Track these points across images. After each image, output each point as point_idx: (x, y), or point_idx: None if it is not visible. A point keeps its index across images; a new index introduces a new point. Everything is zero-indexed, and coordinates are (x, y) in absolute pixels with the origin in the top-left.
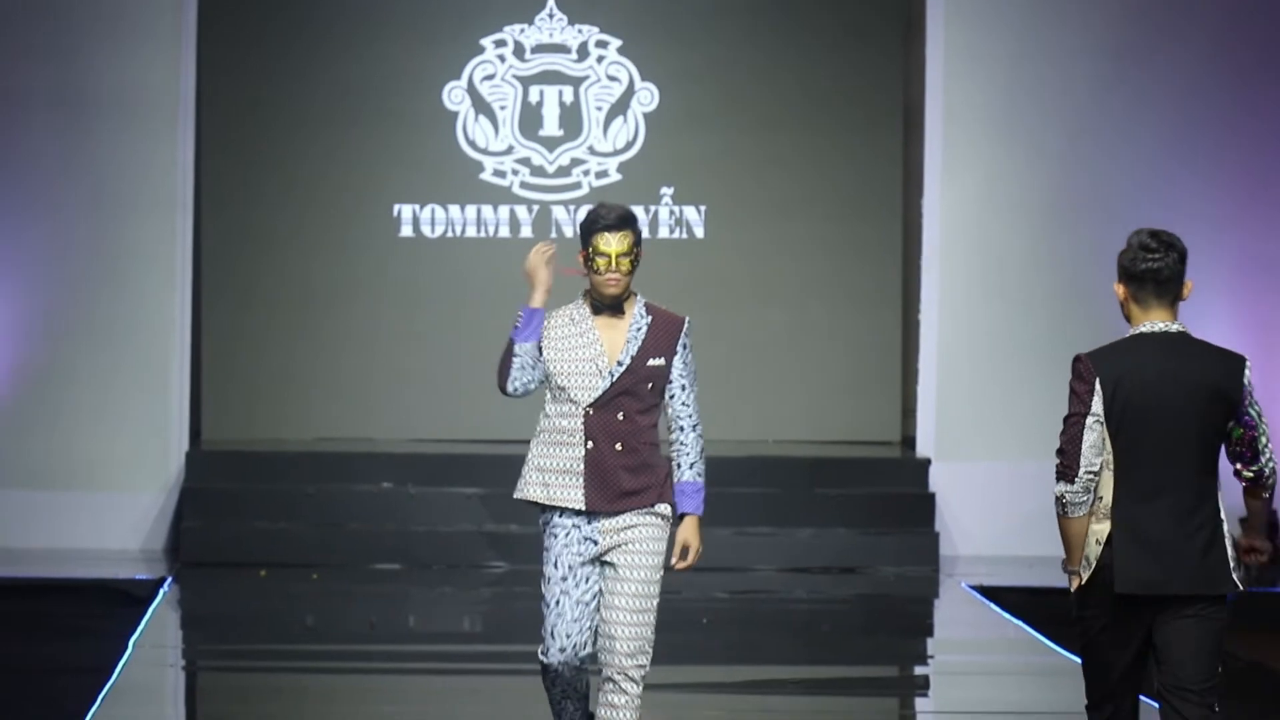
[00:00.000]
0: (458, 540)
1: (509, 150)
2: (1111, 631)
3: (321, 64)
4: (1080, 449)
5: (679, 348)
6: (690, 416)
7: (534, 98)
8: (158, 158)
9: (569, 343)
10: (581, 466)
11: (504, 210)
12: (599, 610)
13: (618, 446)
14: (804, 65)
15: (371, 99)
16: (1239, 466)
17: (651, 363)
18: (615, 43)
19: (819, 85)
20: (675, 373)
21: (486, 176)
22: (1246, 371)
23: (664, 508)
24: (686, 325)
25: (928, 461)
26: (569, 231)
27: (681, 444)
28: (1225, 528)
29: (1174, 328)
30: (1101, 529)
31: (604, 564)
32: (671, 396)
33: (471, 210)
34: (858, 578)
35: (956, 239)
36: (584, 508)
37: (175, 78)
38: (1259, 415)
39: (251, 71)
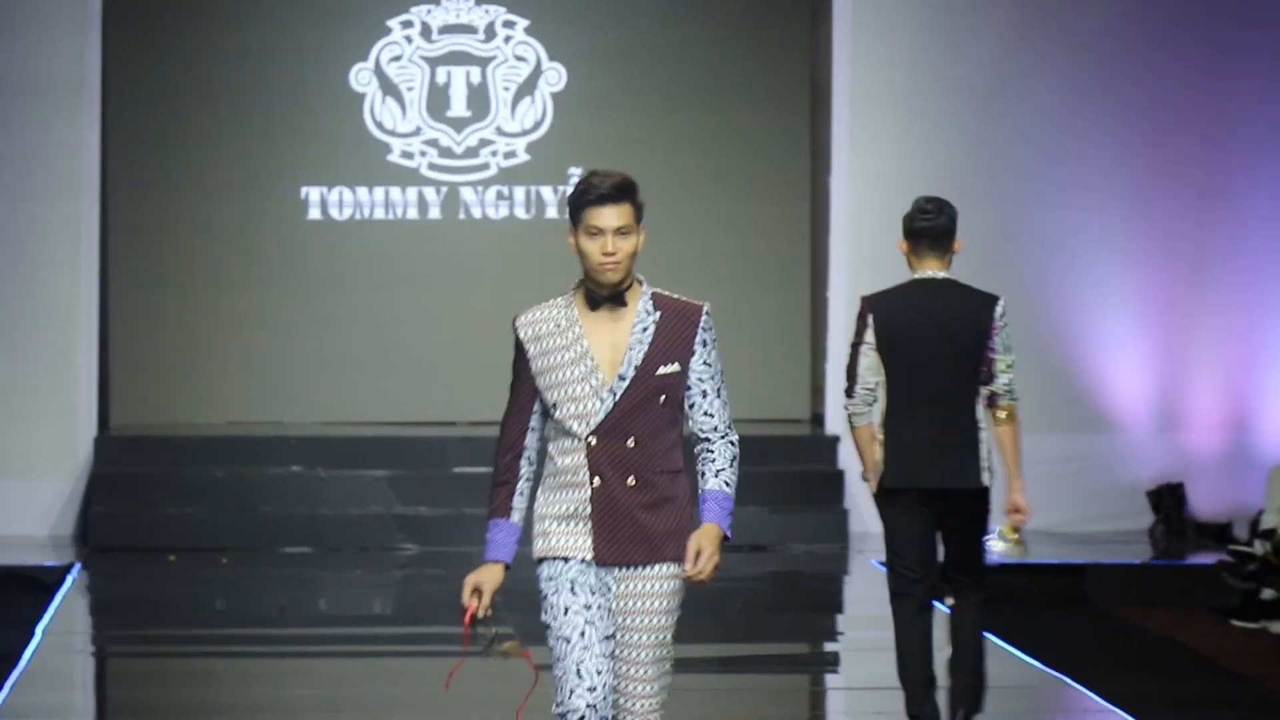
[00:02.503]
0: (368, 523)
1: (417, 132)
2: (903, 523)
3: (227, 47)
4: (858, 370)
5: (697, 345)
6: (717, 429)
7: (441, 79)
8: (63, 142)
9: (556, 358)
10: (589, 509)
11: (412, 192)
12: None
13: (630, 481)
14: (711, 45)
15: (278, 81)
16: (983, 389)
17: (662, 370)
18: (522, 23)
19: (726, 65)
20: (694, 376)
21: (394, 158)
22: (997, 309)
23: (683, 561)
24: (705, 315)
25: (837, 439)
26: (477, 213)
27: (709, 451)
28: (981, 436)
29: (941, 275)
30: (881, 437)
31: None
32: (691, 405)
33: (380, 192)
34: (768, 555)
35: (864, 217)
36: (592, 558)
37: (80, 62)
38: (1004, 347)
39: (157, 55)
